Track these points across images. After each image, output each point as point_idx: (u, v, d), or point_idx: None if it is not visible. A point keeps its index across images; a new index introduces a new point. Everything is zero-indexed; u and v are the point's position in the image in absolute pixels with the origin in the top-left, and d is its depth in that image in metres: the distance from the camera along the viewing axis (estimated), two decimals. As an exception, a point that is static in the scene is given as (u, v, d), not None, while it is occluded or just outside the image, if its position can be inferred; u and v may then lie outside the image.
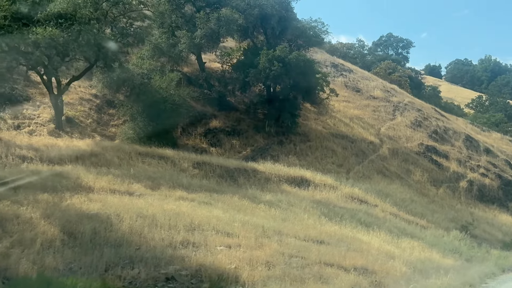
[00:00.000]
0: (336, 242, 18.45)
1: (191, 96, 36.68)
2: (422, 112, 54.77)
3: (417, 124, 50.49)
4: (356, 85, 56.93)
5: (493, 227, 36.07)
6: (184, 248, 14.26)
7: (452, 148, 48.45)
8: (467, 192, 41.71)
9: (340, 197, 30.15)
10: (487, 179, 44.42)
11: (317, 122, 42.30)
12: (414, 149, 44.44)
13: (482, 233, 33.26)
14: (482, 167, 46.27)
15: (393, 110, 52.45)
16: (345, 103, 49.89)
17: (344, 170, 37.53)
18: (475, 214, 37.90)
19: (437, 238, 26.73)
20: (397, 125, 48.46)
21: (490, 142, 60.64)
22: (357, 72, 63.61)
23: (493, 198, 43.19)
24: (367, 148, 41.27)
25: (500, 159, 52.76)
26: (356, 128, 44.01)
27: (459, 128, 56.61)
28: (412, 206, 33.19)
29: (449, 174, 42.88)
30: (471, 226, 32.45)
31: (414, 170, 41.03)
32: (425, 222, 29.99)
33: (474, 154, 49.84)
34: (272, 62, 34.41)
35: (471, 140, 53.70)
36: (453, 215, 34.94)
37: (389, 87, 60.98)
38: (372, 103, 52.55)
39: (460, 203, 39.59)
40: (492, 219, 38.37)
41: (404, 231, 25.97)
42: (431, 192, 38.93)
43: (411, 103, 56.60)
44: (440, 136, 50.33)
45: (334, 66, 61.07)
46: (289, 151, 37.20)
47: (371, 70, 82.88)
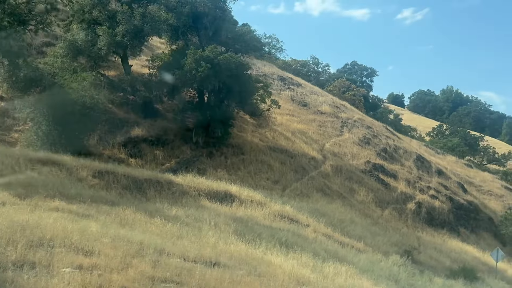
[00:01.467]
0: (235, 265, 15.24)
1: (111, 101, 33.39)
2: (372, 129, 52.66)
3: (366, 142, 48.19)
4: (303, 99, 54.53)
5: (441, 253, 33.56)
6: (16, 269, 10.75)
7: (402, 168, 46.23)
8: (415, 215, 39.30)
9: (268, 215, 27.12)
10: (437, 202, 42.20)
11: (255, 134, 39.37)
12: (360, 167, 41.94)
13: (427, 260, 30.66)
14: (433, 188, 44.11)
15: (341, 126, 50.14)
16: (289, 117, 47.26)
17: (280, 186, 34.63)
18: (422, 239, 35.43)
19: (373, 263, 23.89)
20: (344, 142, 46.02)
21: (444, 164, 59.10)
22: (306, 86, 61.48)
23: (443, 222, 40.93)
24: (308, 164, 38.50)
25: (453, 181, 50.95)
26: (298, 142, 41.27)
27: (411, 148, 54.76)
28: (351, 227, 30.36)
29: (396, 194, 40.45)
30: (415, 251, 29.90)
31: (358, 189, 38.42)
32: (362, 245, 27.14)
33: (425, 175, 47.78)
34: (199, 62, 31.33)
35: (422, 160, 51.77)
36: (397, 239, 32.25)
37: (338, 103, 58.95)
38: (319, 118, 50.13)
39: (406, 226, 37.09)
40: (440, 244, 35.94)
41: (335, 255, 23.00)
42: (375, 214, 36.29)
43: (361, 120, 54.52)
44: (389, 154, 48.14)
45: (281, 80, 58.78)
46: (218, 164, 34.08)
47: (325, 88, 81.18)
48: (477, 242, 42.11)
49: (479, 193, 56.71)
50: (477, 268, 32.86)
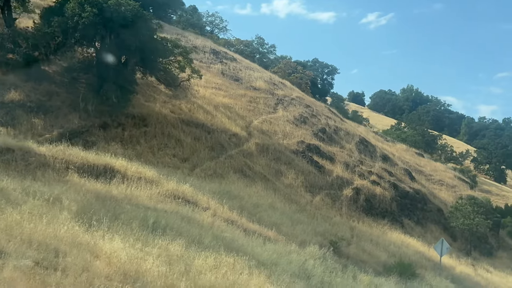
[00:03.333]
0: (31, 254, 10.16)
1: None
2: (311, 108, 48.29)
3: (302, 121, 43.70)
4: (236, 74, 49.62)
5: (378, 246, 29.23)
6: None
7: (341, 150, 41.91)
8: (352, 202, 34.98)
9: (157, 195, 22.21)
10: (378, 188, 38.00)
11: (166, 105, 34.20)
12: (292, 147, 37.33)
13: (359, 253, 26.24)
14: (375, 174, 39.93)
15: (275, 104, 45.52)
16: (214, 90, 42.23)
17: (189, 165, 29.67)
18: (357, 229, 31.11)
19: (280, 256, 19.21)
20: (276, 119, 41.35)
21: (392, 150, 55.37)
22: (241, 62, 56.62)
23: (384, 211, 36.79)
24: (228, 142, 33.61)
25: (399, 168, 47.12)
26: (220, 117, 36.29)
27: (354, 130, 50.56)
28: (268, 213, 25.71)
29: (331, 179, 36.05)
30: (344, 243, 25.35)
31: (286, 171, 33.78)
32: (274, 234, 22.50)
33: (368, 160, 43.64)
34: (83, 6, 25.70)
35: (366, 144, 47.71)
36: (325, 229, 27.76)
37: (277, 81, 54.50)
38: (251, 94, 45.34)
39: (340, 214, 32.70)
40: (378, 236, 31.68)
41: (230, 244, 18.24)
42: (303, 199, 31.73)
43: (299, 98, 50.12)
44: (328, 135, 43.78)
45: (214, 53, 53.78)
46: (113, 137, 28.86)
47: (269, 70, 76.52)
48: (423, 235, 38.22)
49: (429, 182, 53.23)
50: (419, 264, 28.85)
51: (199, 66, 46.43)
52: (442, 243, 27.43)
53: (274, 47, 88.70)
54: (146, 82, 36.72)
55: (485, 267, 39.16)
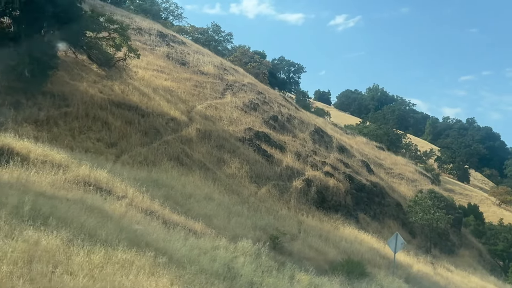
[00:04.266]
0: None
1: None
2: (263, 95, 45.59)
3: (252, 107, 40.91)
4: (183, 58, 46.53)
5: (327, 242, 26.63)
6: None
7: (293, 140, 39.26)
8: (302, 194, 32.35)
9: (62, 181, 18.86)
10: (332, 180, 35.47)
11: (95, 85, 30.80)
12: (238, 134, 34.50)
13: (304, 249, 23.54)
14: (329, 165, 37.40)
15: (223, 89, 42.66)
16: (156, 73, 39.07)
17: (116, 150, 26.61)
18: (306, 223, 28.46)
19: (203, 252, 16.25)
20: (223, 105, 38.48)
21: (350, 142, 53.09)
22: (191, 46, 53.58)
23: (338, 204, 34.30)
24: (165, 126, 30.55)
25: (357, 160, 44.83)
26: (158, 100, 33.17)
27: (309, 120, 48.04)
28: (200, 205, 22.82)
29: (280, 169, 33.35)
30: (286, 238, 22.64)
31: (230, 160, 30.93)
32: (202, 227, 19.60)
33: (322, 150, 41.14)
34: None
35: (322, 134, 45.23)
36: (268, 222, 24.95)
37: (228, 66, 51.65)
38: (197, 78, 42.34)
39: (288, 207, 30.01)
40: (329, 231, 29.11)
41: (138, 238, 15.34)
42: (246, 191, 28.94)
43: (251, 84, 47.36)
44: (280, 123, 41.11)
45: (161, 36, 50.65)
46: (26, 118, 25.32)
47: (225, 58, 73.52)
48: (380, 231, 35.92)
49: (388, 176, 51.19)
50: (372, 262, 26.43)
51: (142, 48, 43.30)
52: (397, 238, 24.98)
53: (231, 35, 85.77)
54: (76, 60, 33.43)
55: (446, 265, 37.15)
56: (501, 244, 60.85)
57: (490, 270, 50.75)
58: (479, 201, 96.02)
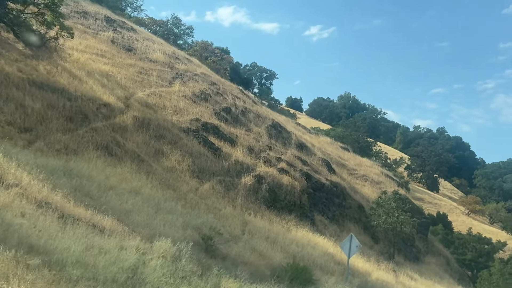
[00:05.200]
0: None
1: None
2: (217, 86, 42.56)
3: (202, 97, 37.80)
4: (130, 44, 43.16)
5: (275, 244, 23.61)
6: None
7: (247, 133, 36.26)
8: (251, 192, 29.34)
9: None
10: (286, 177, 32.53)
11: (16, 63, 27.21)
12: (183, 125, 31.34)
13: (245, 253, 20.54)
14: (285, 161, 34.46)
15: (172, 77, 39.49)
16: (95, 56, 35.64)
17: (30, 136, 23.20)
18: (252, 224, 25.40)
19: (103, 253, 13.05)
20: (169, 93, 35.26)
21: (312, 141, 50.33)
22: (141, 33, 50.05)
23: (292, 204, 31.35)
24: (96, 112, 27.19)
25: (317, 158, 42.06)
26: (90, 84, 29.79)
27: (268, 114, 45.12)
28: (121, 199, 19.74)
29: (228, 164, 30.29)
30: (221, 239, 19.54)
31: (170, 152, 27.75)
32: (113, 224, 16.47)
33: (279, 146, 38.22)
34: None
35: (280, 129, 42.33)
36: (205, 221, 21.84)
37: (181, 55, 48.52)
38: (143, 65, 39.05)
39: (233, 206, 26.94)
40: (279, 233, 26.13)
41: (14, 234, 11.77)
42: (186, 186, 25.77)
43: (205, 75, 44.29)
44: (233, 116, 38.10)
45: (108, 21, 47.22)
46: None
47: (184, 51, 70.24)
48: (339, 234, 33.10)
49: (352, 176, 48.58)
50: (325, 268, 23.61)
51: (83, 31, 39.89)
52: (351, 240, 22.09)
53: (191, 28, 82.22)
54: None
55: (410, 273, 34.57)
56: (469, 254, 60.28)
57: (458, 279, 48.77)
58: (448, 210, 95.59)
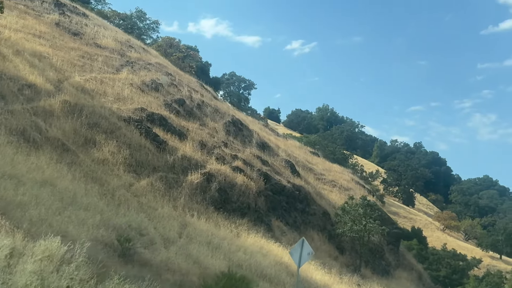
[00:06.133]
0: None
1: None
2: (172, 77, 39.39)
3: (153, 87, 34.51)
4: (78, 29, 39.78)
5: (217, 251, 20.31)
6: None
7: (201, 128, 32.99)
8: (198, 191, 26.04)
9: None
10: (241, 177, 29.27)
11: None
12: (124, 114, 27.98)
13: (176, 259, 17.20)
14: (241, 159, 31.24)
15: (121, 65, 36.21)
16: (31, 37, 32.24)
17: None
18: (194, 227, 22.10)
19: None
20: (113, 80, 31.92)
21: (278, 143, 47.25)
22: (94, 19, 46.53)
23: (246, 207, 28.14)
24: (16, 93, 24.10)
25: (280, 159, 38.96)
26: (17, 63, 26.40)
27: (228, 111, 41.96)
28: (17, 189, 16.08)
29: (173, 159, 26.99)
30: (143, 241, 16.17)
31: (104, 142, 24.38)
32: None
33: (237, 143, 35.05)
34: None
35: (241, 127, 39.17)
36: (131, 221, 18.46)
37: (136, 44, 45.29)
38: (88, 49, 35.71)
39: (174, 206, 23.64)
40: (226, 238, 22.84)
41: None
42: (117, 181, 22.38)
43: (160, 65, 41.05)
44: (187, 109, 34.86)
45: (57, 5, 43.81)
46: None
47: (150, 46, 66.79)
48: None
49: (319, 181, 45.55)
50: (276, 280, 20.41)
51: (25, 11, 36.46)
52: (302, 245, 18.91)
53: (157, 23, 78.51)
54: None
55: (376, 288, 31.47)
56: (444, 270, 59.39)
57: (431, 296, 46.12)
58: (423, 226, 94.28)
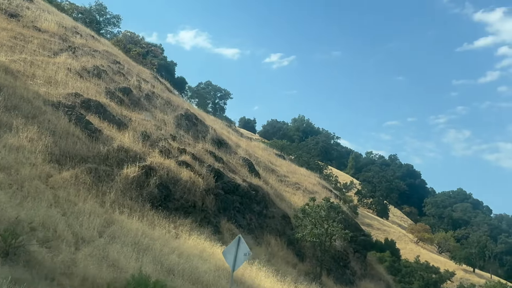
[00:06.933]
0: None
1: None
2: (121, 66, 36.33)
3: (95, 74, 31.55)
4: (17, 11, 36.46)
5: (146, 253, 17.52)
6: None
7: (145, 119, 29.99)
8: (134, 186, 23.07)
9: None
10: (187, 172, 26.30)
11: None
12: (54, 98, 25.02)
13: (83, 262, 14.20)
14: (190, 154, 28.27)
15: (61, 49, 33.23)
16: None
17: None
18: (120, 225, 19.14)
19: None
20: (47, 63, 28.96)
21: (238, 141, 44.49)
22: (39, 4, 43.32)
23: (191, 206, 25.19)
24: None
25: (238, 157, 36.15)
26: None
27: (183, 105, 39.04)
28: None
29: (107, 149, 24.01)
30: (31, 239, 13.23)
31: (23, 127, 21.35)
32: None
33: (188, 138, 32.19)
34: None
35: (195, 121, 36.36)
36: (35, 215, 15.56)
37: (85, 32, 42.21)
38: (23, 31, 32.77)
39: (102, 201, 20.50)
40: (159, 239, 19.95)
41: None
42: (30, 170, 19.35)
43: (108, 53, 38.07)
44: (133, 98, 31.95)
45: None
46: None
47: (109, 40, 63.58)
48: (253, 248, 26.85)
49: (281, 183, 42.84)
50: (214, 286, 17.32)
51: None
52: (238, 244, 16.08)
53: (118, 18, 75.12)
54: None
55: (340, 299, 28.72)
56: (416, 283, 58.47)
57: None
58: (397, 238, 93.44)
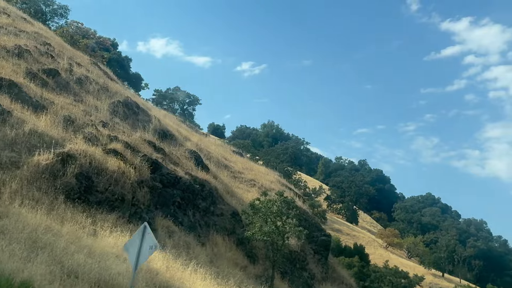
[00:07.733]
0: None
1: None
2: (50, 48, 32.95)
3: (16, 54, 28.23)
4: None
5: (43, 252, 14.35)
6: None
7: (74, 104, 26.95)
8: (46, 176, 19.80)
9: None
10: (115, 161, 23.09)
11: None
12: (-46, 75, 21.29)
13: None
14: (123, 142, 25.00)
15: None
16: None
17: None
18: (17, 219, 15.92)
19: None
20: (-45, 39, 25.15)
21: (190, 136, 41.33)
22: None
23: (118, 199, 22.03)
24: None
25: (184, 150, 33.07)
26: None
27: (124, 93, 35.79)
28: None
29: (16, 133, 20.74)
30: None
31: None
32: None
33: (124, 126, 29.03)
34: None
35: (136, 110, 33.28)
36: None
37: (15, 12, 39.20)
38: None
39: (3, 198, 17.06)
40: (65, 236, 16.37)
41: None
42: None
43: (38, 34, 34.72)
44: (60, 82, 28.77)
45: None
46: None
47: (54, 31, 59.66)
48: (193, 247, 23.84)
49: (234, 179, 39.92)
50: None
51: None
52: (143, 235, 13.11)
53: (66, 8, 71.27)
54: None
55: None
56: None
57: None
58: (366, 243, 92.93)
